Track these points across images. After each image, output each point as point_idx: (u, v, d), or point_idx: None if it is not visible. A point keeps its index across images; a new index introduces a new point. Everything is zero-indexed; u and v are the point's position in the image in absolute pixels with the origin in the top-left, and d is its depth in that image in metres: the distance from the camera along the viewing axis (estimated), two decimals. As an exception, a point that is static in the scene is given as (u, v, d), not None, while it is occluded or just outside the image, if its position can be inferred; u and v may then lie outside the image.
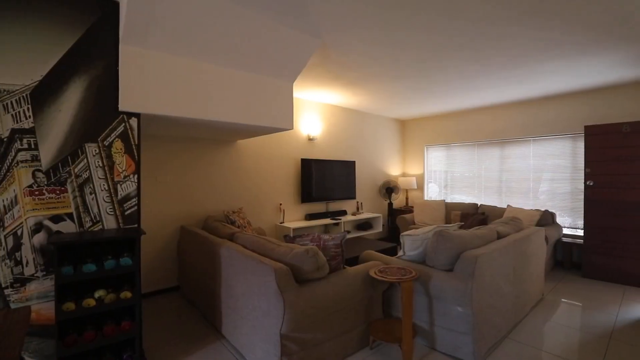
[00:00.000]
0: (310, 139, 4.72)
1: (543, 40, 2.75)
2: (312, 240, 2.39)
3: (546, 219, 4.19)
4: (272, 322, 1.90)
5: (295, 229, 4.10)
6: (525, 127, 4.90)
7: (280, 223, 4.31)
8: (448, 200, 5.79)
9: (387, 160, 6.13)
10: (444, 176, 5.97)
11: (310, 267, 2.03)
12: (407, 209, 5.81)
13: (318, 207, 4.83)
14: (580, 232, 4.24)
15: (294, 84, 3.88)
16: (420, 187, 6.18)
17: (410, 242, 2.53)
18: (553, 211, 4.41)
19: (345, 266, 2.41)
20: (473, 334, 2.07)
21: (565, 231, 4.44)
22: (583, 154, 4.03)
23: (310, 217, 4.55)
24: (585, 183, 3.97)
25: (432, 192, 6.13)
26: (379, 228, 5.19)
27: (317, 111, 4.85)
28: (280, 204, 4.39)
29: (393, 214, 5.72)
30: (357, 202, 5.38)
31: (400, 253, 2.66)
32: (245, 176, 4.07)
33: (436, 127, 5.98)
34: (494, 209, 4.75)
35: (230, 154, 3.95)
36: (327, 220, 4.53)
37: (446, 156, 5.93)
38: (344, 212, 5.01)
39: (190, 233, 3.18)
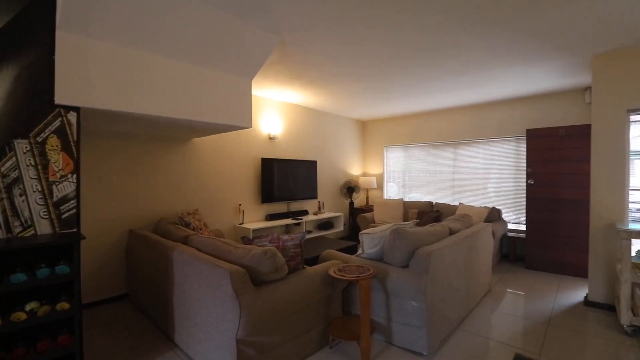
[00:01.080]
0: (271, 138, 4.65)
1: (490, 50, 2.94)
2: (271, 241, 2.35)
3: (493, 215, 4.49)
4: (228, 327, 1.83)
5: (255, 230, 4.01)
6: (475, 130, 5.22)
7: (240, 224, 4.19)
8: (406, 199, 6.01)
9: (348, 160, 6.22)
10: (402, 176, 6.19)
11: (268, 269, 1.99)
12: (368, 208, 5.94)
13: (279, 207, 4.77)
14: (523, 227, 4.60)
15: (253, 81, 3.82)
16: (380, 186, 6.35)
17: (369, 241, 2.58)
18: (499, 208, 4.75)
19: (305, 266, 2.40)
20: (427, 327, 2.15)
21: (510, 226, 4.80)
22: (525, 155, 4.39)
23: (271, 217, 4.48)
24: (527, 182, 4.32)
25: (392, 191, 6.33)
26: (340, 227, 5.25)
27: (278, 110, 4.79)
28: (240, 205, 4.27)
29: (354, 213, 5.82)
30: (319, 201, 5.40)
31: (359, 251, 2.69)
32: (201, 176, 3.91)
33: (395, 129, 6.19)
34: (447, 206, 5.01)
35: (185, 152, 3.76)
36: (289, 221, 4.49)
37: (404, 156, 6.15)
38: (305, 212, 5.00)
39: (139, 237, 2.97)
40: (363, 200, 6.41)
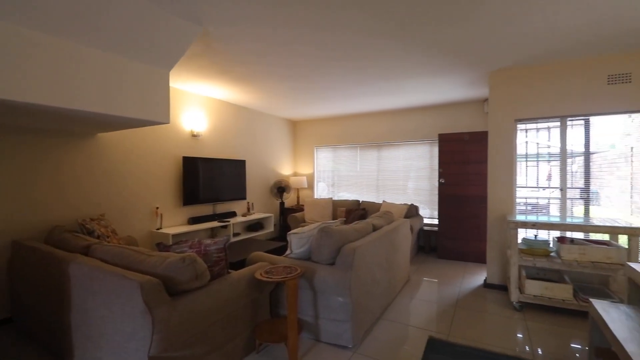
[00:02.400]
0: (194, 136, 4.34)
1: (408, 60, 3.19)
2: (191, 247, 2.18)
3: (412, 211, 4.90)
4: (139, 346, 1.63)
5: (175, 235, 3.70)
6: (396, 133, 5.63)
7: (157, 229, 3.82)
8: (335, 198, 6.20)
9: (278, 160, 6.17)
10: (332, 175, 6.37)
11: (187, 277, 1.83)
12: (299, 208, 5.97)
13: (204, 209, 4.49)
14: (436, 221, 5.11)
15: (174, 73, 3.51)
16: (311, 186, 6.44)
17: (297, 240, 2.57)
18: (417, 205, 5.20)
19: (230, 271, 2.28)
20: (352, 320, 2.23)
21: (426, 221, 5.30)
22: (437, 157, 4.88)
23: (194, 220, 4.18)
24: (439, 181, 4.80)
25: (322, 191, 6.46)
26: (270, 228, 5.16)
27: (203, 105, 4.50)
28: (157, 208, 3.88)
29: (285, 213, 5.78)
30: (248, 202, 5.23)
31: (287, 252, 2.67)
32: (109, 176, 3.45)
33: (325, 129, 6.33)
34: (372, 204, 5.31)
35: (89, 149, 3.28)
36: (214, 223, 4.25)
37: (333, 157, 6.34)
38: (233, 214, 4.79)
39: (26, 249, 2.49)
40: (294, 200, 6.42)
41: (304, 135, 6.57)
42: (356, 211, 5.02)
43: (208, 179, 4.39)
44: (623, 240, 2.97)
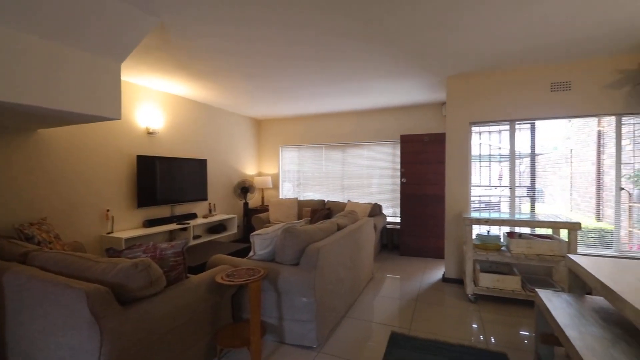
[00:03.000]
0: (150, 133, 4.09)
1: (373, 61, 3.24)
2: (146, 251, 2.04)
3: (375, 210, 5.01)
4: (85, 360, 1.50)
5: (129, 240, 3.46)
6: (360, 133, 5.73)
7: (108, 234, 3.55)
8: (301, 198, 6.17)
9: (242, 159, 6.01)
10: (297, 175, 6.34)
11: (140, 283, 1.71)
12: (263, 208, 5.87)
13: (161, 211, 4.25)
14: (398, 220, 5.27)
15: (129, 66, 3.29)
16: (276, 186, 6.36)
17: (261, 242, 2.51)
18: (380, 204, 5.33)
19: (188, 275, 2.17)
20: (316, 320, 2.22)
21: (389, 219, 5.44)
22: (399, 157, 5.03)
23: (150, 223, 3.94)
24: (401, 180, 4.96)
25: (287, 191, 6.41)
26: (233, 229, 5.02)
27: (160, 101, 4.26)
28: (108, 211, 3.61)
29: (249, 213, 5.65)
30: (210, 203, 5.04)
31: (251, 253, 2.60)
32: (52, 177, 3.14)
33: (290, 129, 6.28)
34: (337, 204, 5.36)
35: (26, 147, 2.96)
36: (173, 226, 4.04)
37: (299, 156, 6.31)
38: (193, 215, 4.59)
39: (-52, 259, 2.19)
40: (258, 201, 6.30)
41: (269, 135, 6.47)
42: (321, 211, 5.04)
43: (166, 179, 4.17)
44: (564, 234, 3.24)
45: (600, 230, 4.61)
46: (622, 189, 3.40)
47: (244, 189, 5.55)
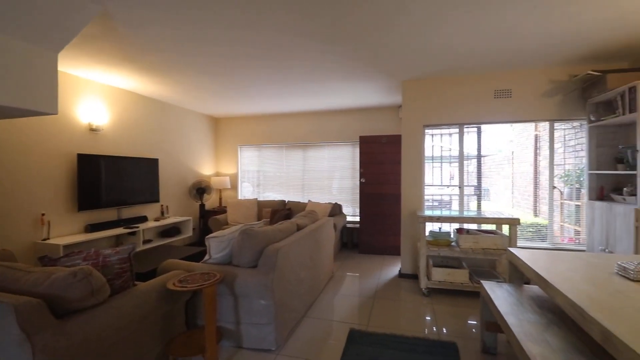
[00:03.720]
0: (93, 130, 3.76)
1: (333, 63, 3.27)
2: (86, 258, 1.87)
3: (335, 210, 5.08)
4: (12, 383, 1.33)
5: (67, 246, 3.15)
6: (320, 134, 5.77)
7: (44, 240, 3.20)
8: (261, 198, 6.07)
9: (198, 159, 5.76)
10: (257, 175, 6.22)
11: (80, 294, 1.56)
12: (221, 210, 5.67)
13: (106, 214, 3.93)
14: (358, 218, 5.39)
15: (68, 56, 3.00)
16: (235, 186, 6.18)
17: (217, 244, 2.42)
18: (340, 203, 5.41)
19: (136, 283, 2.03)
20: (275, 322, 2.19)
21: (349, 218, 5.54)
22: (359, 157, 5.14)
23: (93, 228, 3.62)
24: (360, 180, 5.07)
25: (246, 191, 6.26)
26: (188, 232, 4.79)
27: (105, 95, 3.94)
28: (43, 215, 3.25)
29: (205, 215, 5.43)
30: (162, 205, 4.76)
31: (206, 257, 2.50)
32: (-25, 177, 2.77)
33: (249, 128, 6.14)
34: (298, 204, 5.34)
35: (-59, 143, 2.58)
36: (120, 230, 3.75)
37: (258, 156, 6.19)
38: (143, 219, 4.30)
39: None
40: (216, 202, 6.08)
41: (227, 133, 6.28)
42: (281, 211, 4.99)
43: (112, 179, 3.86)
44: (506, 229, 3.52)
45: (537, 225, 5.07)
46: (554, 187, 3.78)
47: (200, 189, 5.32)
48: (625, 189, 2.90)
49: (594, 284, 1.50)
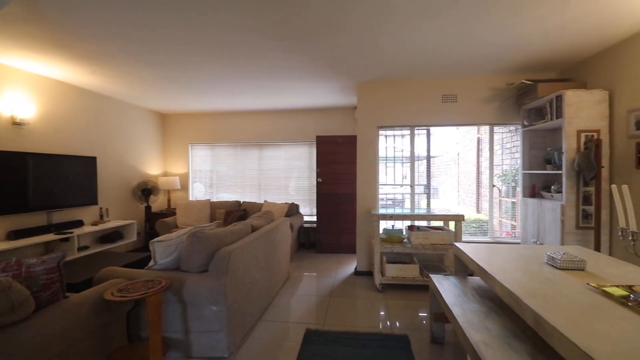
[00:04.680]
0: (16, 124, 3.31)
1: (289, 62, 3.23)
2: (6, 269, 1.64)
3: (292, 210, 5.03)
4: None
5: (-16, 256, 2.75)
6: (277, 133, 5.69)
7: (-48, 250, 2.76)
8: (214, 199, 5.82)
9: (143, 158, 5.37)
10: (210, 175, 5.95)
11: (-6, 310, 1.35)
12: (170, 212, 5.34)
13: (34, 219, 3.48)
14: (315, 218, 5.40)
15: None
16: (185, 187, 5.86)
17: (163, 249, 2.25)
18: (297, 203, 5.37)
19: (67, 294, 1.82)
20: (227, 328, 2.09)
21: (306, 218, 5.53)
22: (316, 157, 5.15)
23: (17, 234, 3.19)
24: (317, 180, 5.08)
25: (198, 192, 5.96)
26: (132, 237, 4.43)
27: (32, 85, 3.49)
28: (-49, 221, 2.81)
29: (152, 218, 5.07)
30: (101, 208, 4.35)
31: (151, 263, 2.32)
32: None
33: (201, 125, 5.86)
34: (253, 205, 5.21)
35: None
36: (50, 236, 3.34)
37: (211, 155, 5.93)
38: (79, 223, 3.89)
39: None
40: (164, 203, 5.71)
41: (177, 131, 5.92)
42: (236, 212, 4.83)
43: (41, 180, 3.44)
44: (452, 225, 3.75)
45: (479, 220, 5.46)
46: (494, 186, 4.11)
47: (145, 190, 4.95)
48: (553, 186, 3.23)
49: (527, 273, 1.64)
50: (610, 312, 1.18)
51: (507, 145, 4.20)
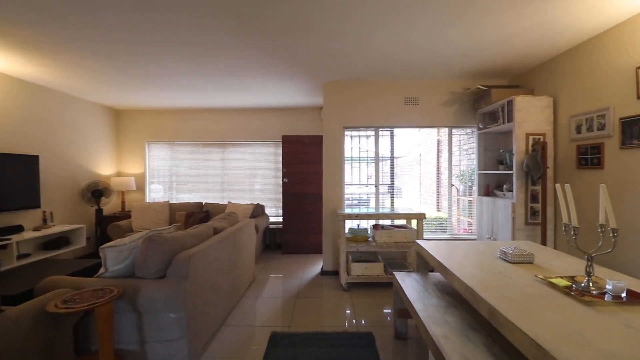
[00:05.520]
0: (-61, 118, 2.93)
1: (252, 59, 3.15)
2: None
3: (258, 210, 4.93)
4: None
5: None
6: (242, 132, 5.55)
7: None
8: (174, 200, 5.54)
9: (94, 157, 4.98)
10: (169, 175, 5.66)
11: None
12: (124, 215, 5.00)
13: (-36, 225, 3.10)
14: (281, 219, 5.33)
15: None
16: (141, 188, 5.52)
17: (115, 255, 2.09)
18: (263, 204, 5.28)
19: (3, 308, 1.62)
20: (187, 336, 1.99)
21: (272, 219, 5.45)
22: (281, 157, 5.09)
23: (-59, 242, 2.82)
24: (283, 180, 5.02)
25: (156, 193, 5.65)
26: (81, 243, 4.09)
27: (-41, 76, 3.10)
28: None
29: (104, 222, 4.72)
30: (44, 211, 3.96)
31: (101, 270, 2.14)
32: None
33: (160, 123, 5.55)
34: (217, 206, 5.04)
35: None
36: (-17, 244, 3.00)
37: (171, 154, 5.64)
38: (18, 228, 3.51)
39: None
40: (117, 206, 5.34)
41: (132, 128, 5.56)
42: (197, 214, 4.64)
43: (-30, 181, 3.06)
44: (415, 223, 3.87)
45: (439, 218, 5.70)
46: (452, 185, 4.31)
47: (96, 192, 4.59)
48: (505, 186, 3.45)
49: (482, 267, 1.72)
50: (555, 301, 1.27)
51: (465, 147, 4.43)
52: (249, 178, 5.62)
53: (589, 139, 2.72)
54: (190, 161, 5.64)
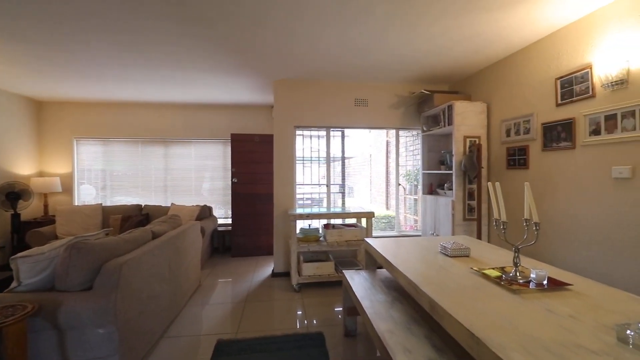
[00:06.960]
0: None
1: (196, 50, 2.96)
2: None
3: (205, 212, 4.68)
4: None
5: None
6: (187, 129, 5.23)
7: None
8: (108, 203, 5.05)
9: (9, 154, 4.33)
10: (102, 175, 5.13)
11: None
12: (47, 220, 4.43)
13: None
14: (230, 220, 5.13)
15: None
16: (69, 189, 4.93)
17: (30, 266, 1.82)
18: (211, 205, 5.03)
19: None
20: (119, 352, 1.80)
21: (220, 221, 5.21)
22: (230, 156, 4.89)
23: None
24: (232, 180, 4.83)
25: (87, 195, 5.09)
26: (-8, 252, 3.54)
27: None
28: None
29: (22, 229, 4.13)
30: (-58, 218, 3.36)
31: (14, 284, 1.85)
32: None
33: (91, 117, 5.01)
34: (158, 208, 4.68)
35: None
36: None
37: (104, 152, 5.12)
38: None
39: None
40: (39, 210, 4.71)
41: (57, 122, 4.94)
42: (135, 218, 4.27)
43: None
44: (365, 221, 3.97)
45: (388, 216, 5.92)
46: (400, 184, 4.49)
47: (11, 194, 4.00)
48: (446, 184, 3.68)
49: (425, 262, 1.80)
50: (487, 291, 1.36)
51: (411, 148, 4.65)
52: (196, 178, 5.33)
53: (516, 142, 3.00)
54: (127, 160, 5.17)
